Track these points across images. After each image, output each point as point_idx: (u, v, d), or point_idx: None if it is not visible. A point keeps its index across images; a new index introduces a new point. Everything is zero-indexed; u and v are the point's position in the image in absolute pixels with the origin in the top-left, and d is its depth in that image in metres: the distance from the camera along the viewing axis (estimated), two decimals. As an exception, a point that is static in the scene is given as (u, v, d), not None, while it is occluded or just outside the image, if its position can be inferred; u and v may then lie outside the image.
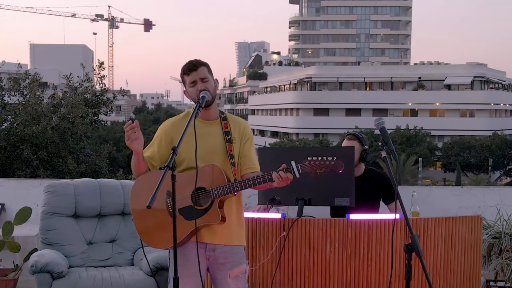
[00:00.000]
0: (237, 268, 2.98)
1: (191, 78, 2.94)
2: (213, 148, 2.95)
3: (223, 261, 2.96)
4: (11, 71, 15.19)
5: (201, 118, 2.96)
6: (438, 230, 3.69)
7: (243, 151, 3.02)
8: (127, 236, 4.52)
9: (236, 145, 2.99)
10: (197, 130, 2.85)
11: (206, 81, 2.94)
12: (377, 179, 4.19)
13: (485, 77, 51.13)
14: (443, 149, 41.07)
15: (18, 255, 4.91)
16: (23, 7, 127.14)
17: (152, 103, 77.24)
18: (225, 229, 2.93)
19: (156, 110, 57.94)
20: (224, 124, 3.01)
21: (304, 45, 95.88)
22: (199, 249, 2.90)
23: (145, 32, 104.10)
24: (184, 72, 2.96)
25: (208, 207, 2.85)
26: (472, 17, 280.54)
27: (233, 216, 2.98)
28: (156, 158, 3.00)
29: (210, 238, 2.93)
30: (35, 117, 11.30)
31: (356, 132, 4.32)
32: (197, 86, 2.93)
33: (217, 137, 2.98)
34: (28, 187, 5.45)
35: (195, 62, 2.96)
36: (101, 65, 13.37)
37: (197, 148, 2.84)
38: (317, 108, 52.72)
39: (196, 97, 2.92)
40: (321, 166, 2.72)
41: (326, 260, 3.57)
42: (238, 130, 3.03)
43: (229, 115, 3.10)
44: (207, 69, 2.97)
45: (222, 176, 2.83)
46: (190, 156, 2.87)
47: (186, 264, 2.92)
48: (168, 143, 2.96)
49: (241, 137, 3.03)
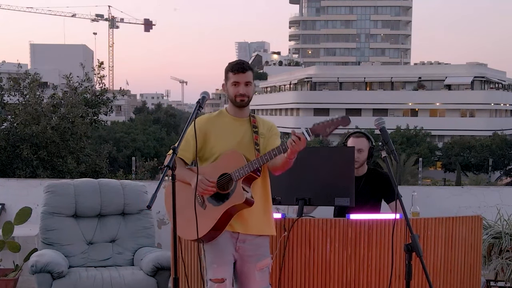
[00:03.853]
0: (263, 260, 3.09)
1: (236, 78, 3.05)
2: (240, 138, 3.09)
3: (251, 253, 3.06)
4: (11, 71, 15.22)
5: (233, 115, 3.14)
6: (438, 230, 3.69)
7: (269, 142, 3.12)
8: (127, 236, 4.52)
9: (263, 139, 3.12)
10: (228, 126, 3.11)
11: (248, 86, 3.07)
12: (380, 178, 4.18)
13: (485, 77, 51.12)
14: (443, 149, 41.04)
15: (18, 255, 4.90)
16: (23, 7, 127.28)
17: (152, 103, 77.13)
18: (255, 218, 3.04)
19: (156, 110, 57.82)
20: (253, 120, 3.15)
21: (304, 45, 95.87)
22: (231, 238, 3.04)
23: (145, 32, 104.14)
24: (232, 70, 3.06)
25: (233, 189, 2.95)
26: (472, 17, 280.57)
27: (261, 204, 3.08)
28: (191, 150, 3.11)
29: (242, 227, 3.04)
30: (35, 117, 11.31)
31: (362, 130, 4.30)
32: (238, 88, 3.05)
33: (245, 129, 3.12)
34: (28, 187, 5.44)
35: (245, 66, 3.08)
36: (101, 65, 13.38)
37: (227, 141, 3.05)
38: (317, 108, 52.69)
39: (233, 97, 3.06)
40: (329, 125, 2.84)
41: (326, 260, 3.57)
42: (266, 127, 3.18)
43: (257, 116, 3.24)
44: (252, 75, 3.11)
45: (242, 159, 2.95)
46: (222, 147, 3.05)
47: (220, 253, 3.02)
48: (202, 137, 3.08)
49: (266, 133, 3.16)
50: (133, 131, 37.92)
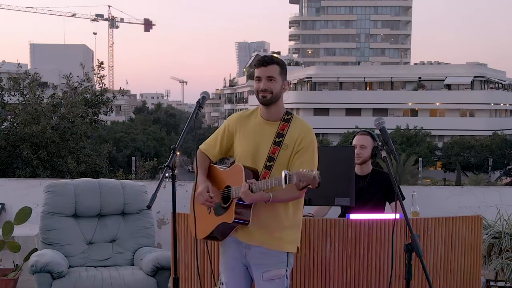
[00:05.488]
0: (272, 271, 2.85)
1: (258, 73, 2.84)
2: (259, 148, 2.86)
3: (257, 261, 2.88)
4: (11, 71, 15.20)
5: (264, 117, 2.90)
6: (438, 230, 3.69)
7: (294, 159, 2.83)
8: (127, 236, 4.52)
9: (286, 152, 2.83)
10: (255, 128, 2.89)
11: (272, 81, 2.81)
12: (383, 178, 4.17)
13: (485, 77, 51.12)
14: (443, 149, 41.04)
15: (18, 255, 4.90)
16: (23, 7, 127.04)
17: (152, 103, 77.19)
18: (262, 232, 2.84)
19: (156, 110, 57.88)
20: (281, 126, 2.87)
21: (304, 45, 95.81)
22: (237, 244, 2.91)
23: (145, 32, 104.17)
24: (255, 65, 2.87)
25: (227, 206, 2.84)
26: (472, 17, 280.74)
27: (272, 217, 2.84)
28: (217, 146, 3.00)
29: (245, 237, 2.89)
30: (35, 116, 11.31)
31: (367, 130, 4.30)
32: (260, 83, 2.82)
33: (267, 137, 2.86)
34: (28, 187, 5.44)
35: (267, 59, 2.84)
36: (101, 65, 13.38)
37: (247, 146, 2.86)
38: (317, 108, 52.69)
39: (256, 93, 2.85)
40: (304, 180, 2.49)
41: (326, 260, 3.57)
42: (292, 137, 2.84)
43: (296, 117, 2.92)
44: (279, 69, 2.83)
45: (241, 178, 2.75)
46: (241, 152, 2.90)
47: (224, 259, 2.95)
48: (230, 135, 2.96)
49: (293, 145, 2.83)
50: (133, 131, 37.94)
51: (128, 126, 40.38)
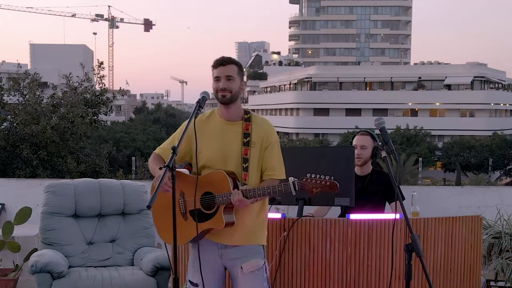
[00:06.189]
0: (251, 262, 2.92)
1: (217, 73, 2.91)
2: (228, 150, 2.91)
3: (235, 256, 2.94)
4: (11, 71, 15.24)
5: (222, 117, 2.96)
6: (438, 230, 3.69)
7: (264, 156, 2.94)
8: (127, 236, 4.52)
9: (255, 149, 2.91)
10: (216, 130, 2.93)
11: (230, 80, 2.89)
12: (383, 178, 4.17)
13: (485, 77, 51.11)
14: (443, 149, 41.03)
15: (18, 255, 4.91)
16: (23, 7, 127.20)
17: (152, 103, 77.15)
18: (237, 231, 2.91)
19: (156, 110, 57.82)
20: (245, 126, 2.94)
21: (304, 45, 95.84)
22: (212, 247, 2.94)
23: (145, 32, 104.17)
24: (213, 65, 2.93)
25: (213, 213, 2.85)
26: (472, 17, 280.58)
27: (250, 216, 2.93)
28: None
29: (220, 238, 2.92)
30: (34, 116, 11.31)
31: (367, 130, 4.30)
32: (219, 83, 2.89)
33: (235, 139, 2.92)
34: (28, 187, 5.44)
35: (226, 58, 2.92)
36: (101, 65, 13.39)
37: (214, 148, 2.89)
38: (317, 108, 52.72)
39: (216, 93, 2.91)
40: (317, 186, 2.74)
41: (326, 260, 3.57)
42: (259, 134, 2.94)
43: (255, 116, 3.01)
44: (237, 69, 2.92)
45: (228, 185, 2.80)
46: (208, 155, 2.91)
47: (203, 260, 2.94)
48: (188, 138, 2.93)
49: (261, 142, 2.93)
50: (133, 131, 37.91)
51: (128, 126, 40.34)
